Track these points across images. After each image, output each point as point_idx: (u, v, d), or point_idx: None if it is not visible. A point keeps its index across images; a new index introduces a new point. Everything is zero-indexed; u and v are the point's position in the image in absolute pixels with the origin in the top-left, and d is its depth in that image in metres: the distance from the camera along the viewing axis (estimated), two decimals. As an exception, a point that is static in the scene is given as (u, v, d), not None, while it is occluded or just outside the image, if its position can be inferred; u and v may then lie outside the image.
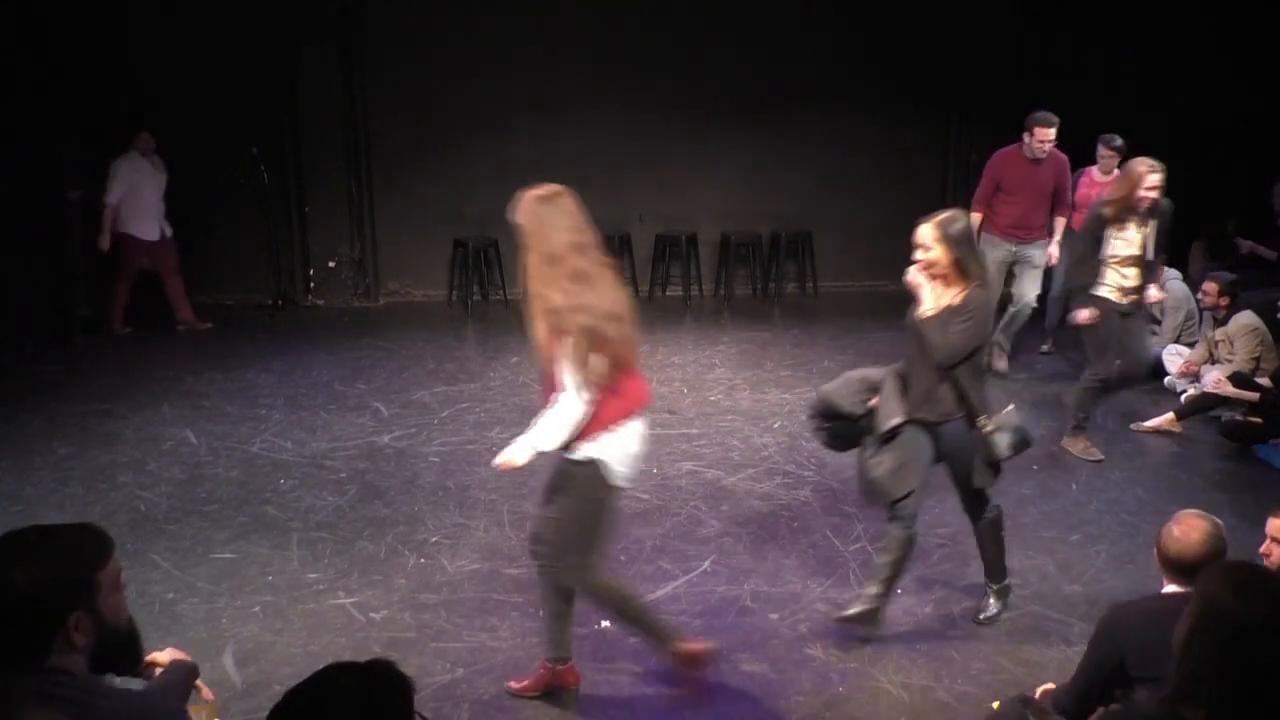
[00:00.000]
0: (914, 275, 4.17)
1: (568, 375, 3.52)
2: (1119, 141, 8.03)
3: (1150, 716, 2.10)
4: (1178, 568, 3.01)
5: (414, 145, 10.45)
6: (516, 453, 3.63)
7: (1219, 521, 3.14)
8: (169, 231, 9.29)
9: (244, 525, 5.43)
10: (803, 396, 7.50)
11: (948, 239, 4.06)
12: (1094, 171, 8.30)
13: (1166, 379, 7.57)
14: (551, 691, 3.96)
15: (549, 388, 3.61)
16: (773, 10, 10.54)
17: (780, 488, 5.90)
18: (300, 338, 9.19)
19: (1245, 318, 7.05)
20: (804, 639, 4.35)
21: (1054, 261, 7.82)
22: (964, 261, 4.09)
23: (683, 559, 5.06)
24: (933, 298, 4.13)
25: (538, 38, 10.31)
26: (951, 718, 3.86)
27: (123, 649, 2.44)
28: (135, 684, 2.63)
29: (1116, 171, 7.62)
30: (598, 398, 3.57)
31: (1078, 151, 8.02)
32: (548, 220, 3.59)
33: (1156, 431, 6.77)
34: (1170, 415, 6.83)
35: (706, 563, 5.02)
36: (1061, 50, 10.52)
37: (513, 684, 4.00)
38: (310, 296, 10.57)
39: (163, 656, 2.75)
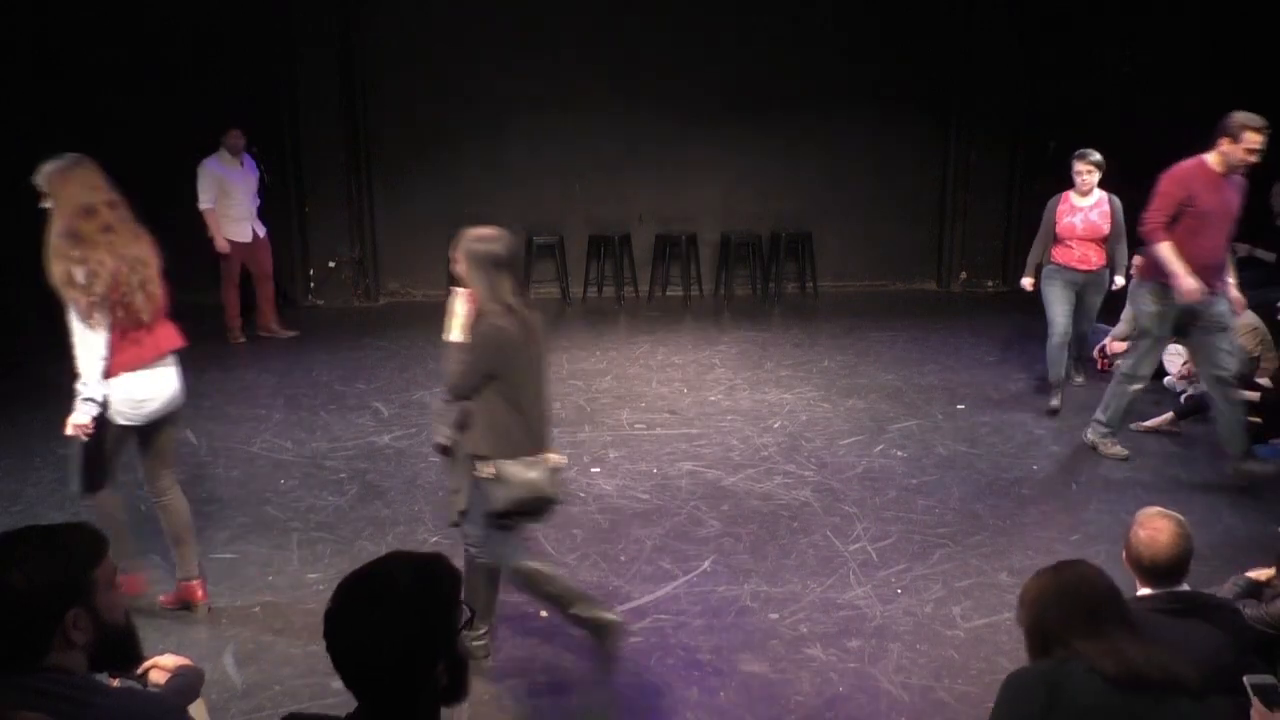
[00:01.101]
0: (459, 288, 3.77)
1: (80, 318, 3.95)
2: (1097, 156, 6.97)
3: (1044, 669, 2.50)
4: (1153, 572, 3.02)
5: (414, 145, 10.47)
6: (77, 415, 4.01)
7: (1181, 518, 3.13)
8: (262, 232, 9.05)
9: (244, 525, 5.43)
10: (803, 396, 7.51)
11: (469, 256, 3.65)
12: (1070, 196, 7.11)
13: (1166, 379, 7.57)
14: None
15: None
16: (773, 10, 10.55)
17: (780, 488, 5.90)
18: (300, 338, 9.19)
19: (1245, 317, 7.03)
20: (804, 639, 4.35)
21: None
22: (484, 287, 3.64)
23: (683, 559, 5.06)
24: (461, 318, 3.72)
25: (537, 38, 10.32)
26: (951, 718, 3.86)
27: (120, 648, 2.44)
28: (138, 687, 2.62)
29: (1100, 193, 7.04)
30: (113, 339, 4.01)
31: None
32: (74, 179, 4.08)
33: (1156, 431, 6.77)
34: (1170, 415, 6.84)
35: (706, 563, 5.02)
36: (1061, 52, 10.53)
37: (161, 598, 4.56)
38: (310, 296, 10.58)
39: (166, 661, 2.74)
